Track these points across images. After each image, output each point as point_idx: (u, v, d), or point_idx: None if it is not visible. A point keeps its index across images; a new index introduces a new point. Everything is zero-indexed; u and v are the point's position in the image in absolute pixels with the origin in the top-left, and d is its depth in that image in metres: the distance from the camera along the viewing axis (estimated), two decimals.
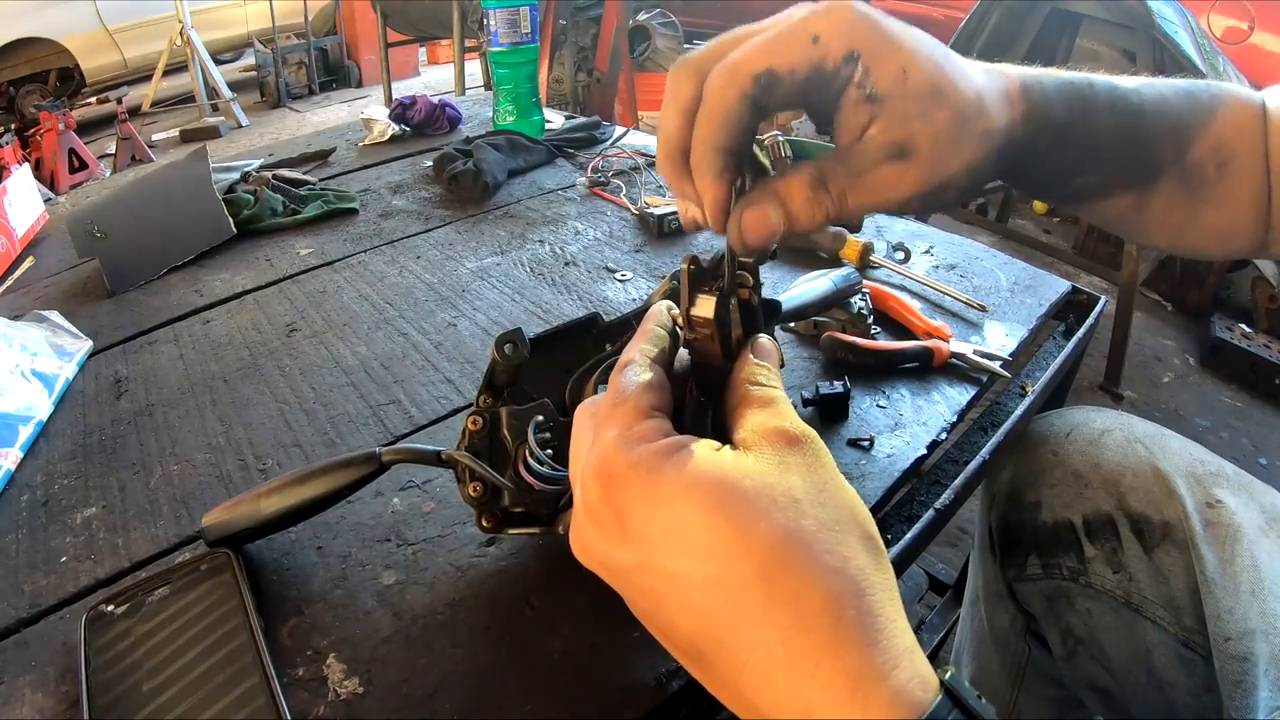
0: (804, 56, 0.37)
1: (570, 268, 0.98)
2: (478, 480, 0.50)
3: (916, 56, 0.38)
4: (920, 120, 0.38)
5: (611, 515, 0.33)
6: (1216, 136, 0.50)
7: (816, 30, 0.37)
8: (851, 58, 0.37)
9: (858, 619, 0.29)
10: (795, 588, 0.29)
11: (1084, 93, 0.46)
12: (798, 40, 0.37)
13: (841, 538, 0.31)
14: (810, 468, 0.34)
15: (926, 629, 1.23)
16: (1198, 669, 0.65)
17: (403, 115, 1.52)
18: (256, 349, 0.83)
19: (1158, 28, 1.96)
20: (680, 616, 0.32)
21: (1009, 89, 0.43)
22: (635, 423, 0.35)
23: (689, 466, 0.32)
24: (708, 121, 0.38)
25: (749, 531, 0.30)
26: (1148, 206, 0.51)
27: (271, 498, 0.53)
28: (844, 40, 0.37)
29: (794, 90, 0.38)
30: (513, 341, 0.50)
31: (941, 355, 0.74)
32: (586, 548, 0.36)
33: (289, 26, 6.20)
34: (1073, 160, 0.47)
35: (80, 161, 4.20)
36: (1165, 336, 2.60)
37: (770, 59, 0.37)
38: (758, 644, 0.29)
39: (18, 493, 0.65)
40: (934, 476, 0.67)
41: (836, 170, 0.39)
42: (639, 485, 0.33)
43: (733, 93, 0.38)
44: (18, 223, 1.15)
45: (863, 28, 0.37)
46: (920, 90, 0.38)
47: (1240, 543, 0.64)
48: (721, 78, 0.38)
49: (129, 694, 0.45)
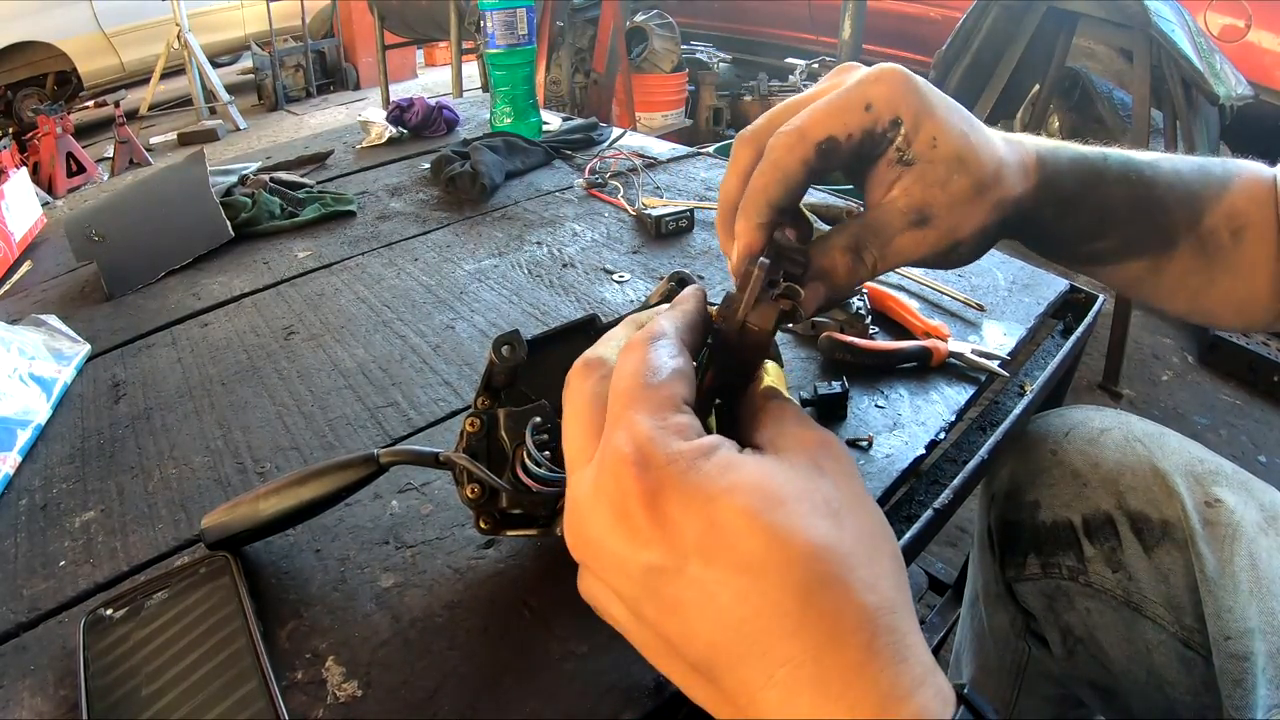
0: (860, 122, 0.42)
1: (568, 269, 0.98)
2: (475, 482, 0.50)
3: (947, 125, 0.42)
4: (940, 188, 0.42)
5: (643, 510, 0.31)
6: (1230, 205, 0.50)
7: (870, 98, 0.42)
8: (895, 123, 0.42)
9: (890, 636, 0.28)
10: (833, 603, 0.28)
11: (1097, 166, 0.49)
12: (854, 108, 0.42)
13: (875, 553, 0.31)
14: (845, 476, 0.33)
15: (926, 628, 1.23)
16: (1197, 668, 0.65)
17: (400, 117, 1.52)
18: (254, 352, 0.83)
19: (1154, 26, 1.96)
20: (701, 626, 0.30)
21: (1025, 161, 0.46)
22: (669, 413, 0.33)
23: (728, 470, 0.31)
24: (767, 175, 0.42)
25: (790, 540, 0.29)
26: (1163, 271, 0.52)
27: (270, 499, 0.53)
28: (892, 107, 0.42)
29: (849, 153, 0.42)
30: (510, 343, 0.50)
31: (940, 355, 0.74)
32: (591, 540, 0.33)
33: (286, 29, 6.21)
34: (1082, 227, 0.49)
35: (78, 165, 4.21)
36: (1164, 335, 2.60)
37: (831, 126, 0.42)
38: (786, 659, 0.28)
39: (16, 497, 0.65)
40: (933, 476, 0.67)
41: (868, 241, 0.43)
42: (678, 483, 0.31)
43: (796, 157, 0.42)
44: (15, 226, 1.15)
45: (907, 95, 0.42)
46: (946, 158, 0.42)
47: (1239, 541, 0.64)
48: (787, 141, 0.42)
49: (128, 698, 0.45)
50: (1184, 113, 2.30)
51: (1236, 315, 0.56)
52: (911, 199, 0.42)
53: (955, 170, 0.42)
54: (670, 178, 1.27)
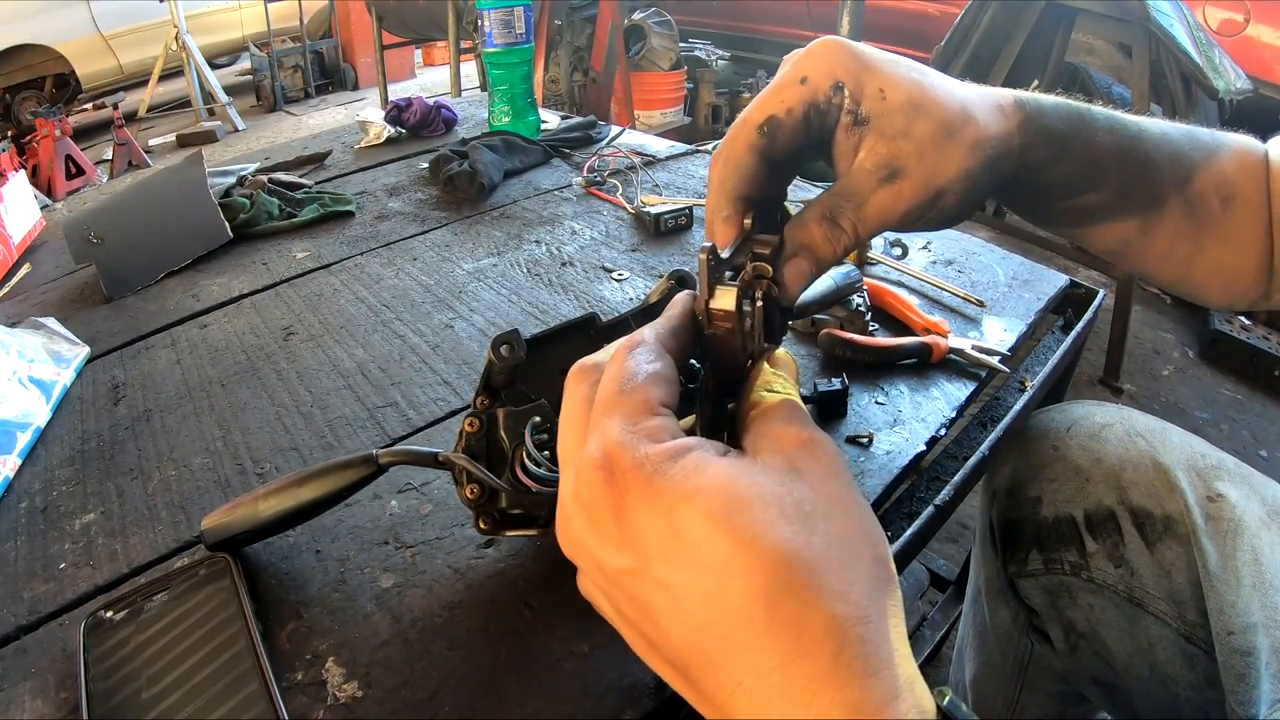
0: (797, 97, 0.42)
1: (567, 268, 0.98)
2: (475, 482, 0.50)
3: (893, 77, 0.41)
4: (903, 137, 0.41)
5: (609, 514, 0.31)
6: (1219, 172, 0.50)
7: (804, 71, 0.42)
8: (837, 87, 0.41)
9: (860, 647, 0.28)
10: (798, 610, 0.28)
11: (1081, 112, 0.48)
12: (789, 84, 0.42)
13: (850, 558, 0.30)
14: (823, 477, 0.32)
15: (928, 626, 1.23)
16: (1200, 663, 0.65)
17: (398, 117, 1.52)
18: (254, 353, 0.83)
19: (1153, 21, 1.96)
20: (671, 629, 0.30)
21: (1001, 102, 0.45)
22: (642, 417, 0.33)
23: (694, 472, 0.31)
24: (720, 169, 0.43)
25: (754, 545, 0.29)
26: (1153, 234, 0.51)
27: (270, 500, 0.53)
28: (828, 74, 0.41)
29: (795, 130, 0.42)
30: (509, 343, 0.50)
31: (940, 351, 0.74)
32: (575, 540, 0.34)
33: (284, 30, 6.21)
34: (1073, 173, 0.48)
35: (77, 167, 4.21)
36: (1164, 329, 2.60)
37: (769, 107, 0.42)
38: (753, 666, 0.28)
39: (16, 499, 0.65)
40: (934, 473, 0.67)
41: (842, 205, 0.41)
42: (642, 487, 0.31)
43: (740, 144, 0.42)
44: (14, 229, 1.15)
45: (842, 59, 0.42)
46: (899, 106, 0.41)
47: (1242, 536, 0.63)
48: (731, 133, 0.43)
49: (128, 700, 0.45)
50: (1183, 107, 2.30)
51: (1224, 289, 0.55)
52: (877, 156, 0.41)
53: (913, 116, 0.41)
54: (669, 175, 1.27)
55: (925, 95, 0.41)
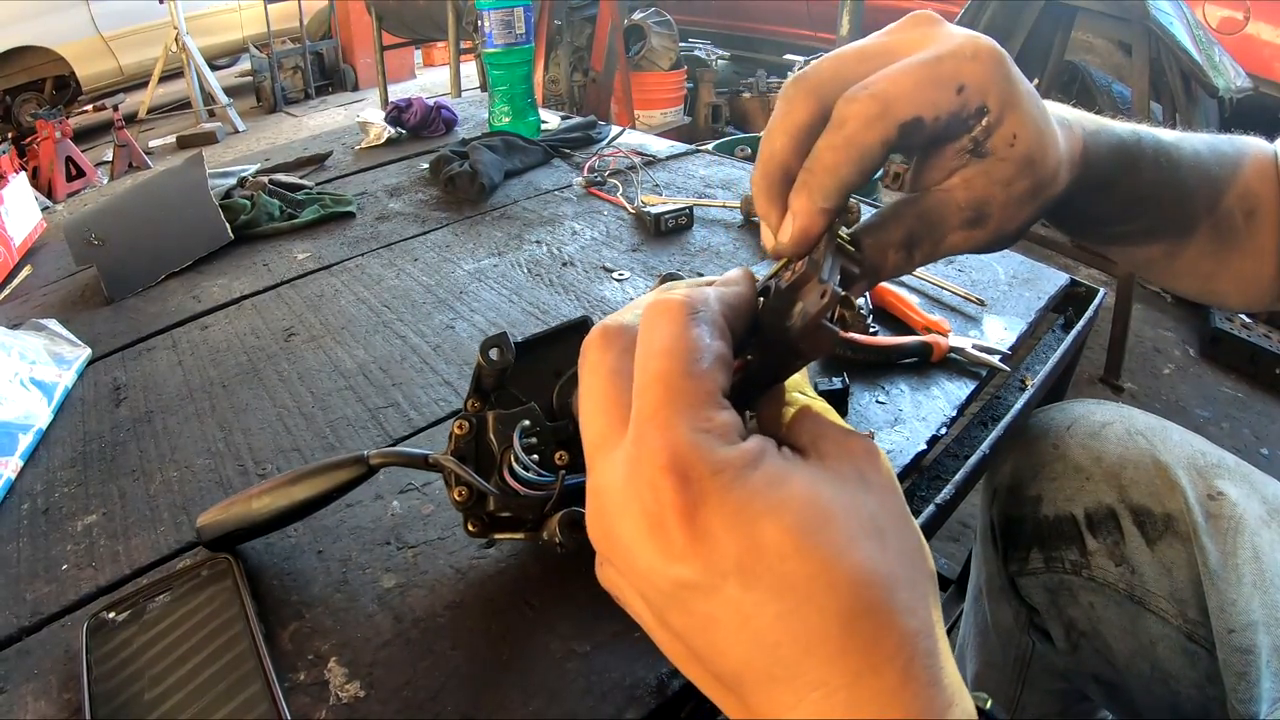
0: (949, 104, 0.36)
1: (568, 268, 0.98)
2: (463, 485, 0.50)
3: (1029, 123, 0.38)
4: (1004, 186, 0.38)
5: (678, 524, 0.28)
6: (1244, 185, 0.50)
7: (965, 79, 0.36)
8: (981, 111, 0.37)
9: (926, 660, 0.27)
10: (875, 629, 0.27)
11: (1133, 151, 0.47)
12: (947, 86, 0.36)
13: (916, 573, 0.29)
14: (887, 489, 0.31)
15: None
16: (1201, 661, 0.65)
17: (399, 118, 1.52)
18: (255, 354, 0.83)
19: (1153, 19, 1.96)
20: (733, 646, 0.28)
21: (1073, 154, 0.43)
22: (714, 414, 0.29)
23: (777, 483, 0.29)
24: (841, 152, 0.36)
25: (837, 564, 0.27)
26: (1179, 255, 0.52)
27: (264, 499, 0.53)
28: (983, 92, 0.37)
29: (933, 135, 0.37)
30: (498, 346, 0.50)
31: (940, 350, 0.74)
32: (620, 543, 0.30)
33: (284, 31, 6.20)
34: (1113, 213, 0.48)
35: (77, 169, 4.21)
36: (1165, 328, 2.60)
37: (920, 106, 0.36)
38: (820, 684, 0.27)
39: (18, 501, 0.65)
40: (934, 472, 0.67)
41: (922, 237, 0.39)
42: (722, 498, 0.28)
43: (877, 135, 0.36)
44: (15, 231, 1.15)
45: (1001, 81, 0.37)
46: (1019, 159, 0.38)
47: (1242, 534, 0.64)
48: (866, 114, 0.36)
49: (131, 701, 0.45)
50: (1183, 105, 2.30)
51: (1242, 295, 0.55)
52: (973, 194, 0.38)
53: (1023, 173, 0.38)
54: (669, 175, 1.27)
55: (1041, 155, 0.39)
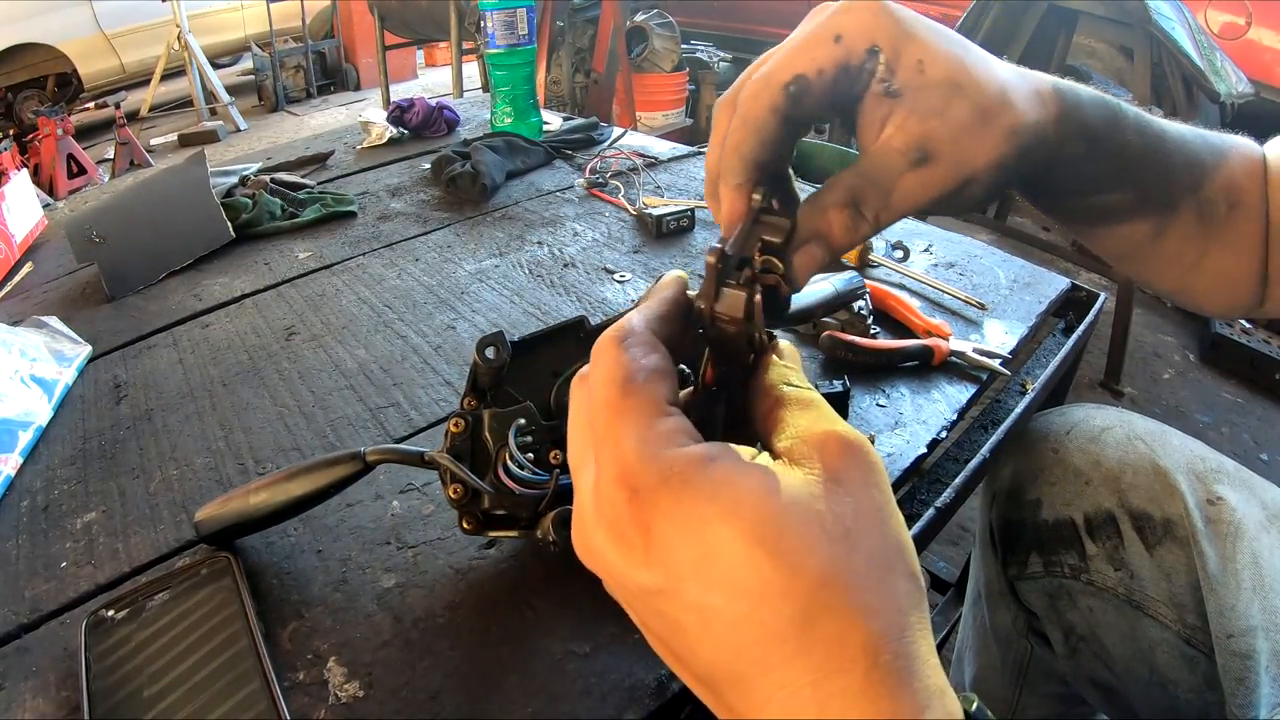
0: (829, 56, 0.37)
1: (569, 269, 0.98)
2: (458, 482, 0.50)
3: (934, 49, 0.37)
4: (938, 117, 0.37)
5: (638, 533, 0.29)
6: (1228, 176, 0.49)
7: (839, 29, 0.37)
8: (873, 52, 0.37)
9: (894, 661, 0.27)
10: (835, 629, 0.27)
11: (1114, 109, 0.45)
12: (822, 41, 0.37)
13: (888, 573, 0.29)
14: (865, 486, 0.30)
15: None
16: (1200, 666, 0.65)
17: (400, 118, 1.52)
18: (255, 353, 0.83)
19: (1155, 24, 1.96)
20: (701, 648, 0.29)
21: (1040, 88, 0.42)
22: (656, 421, 0.31)
23: (726, 485, 0.29)
24: (738, 131, 0.38)
25: (794, 570, 0.27)
26: (1165, 237, 0.49)
27: (261, 494, 0.54)
28: (865, 35, 0.37)
29: (824, 94, 0.38)
30: (494, 344, 0.50)
31: (941, 353, 0.74)
32: (598, 557, 0.32)
33: (286, 30, 6.20)
34: (1102, 173, 0.46)
35: (79, 167, 4.21)
36: (1165, 333, 2.60)
37: (798, 65, 0.37)
38: (784, 684, 0.27)
39: (18, 498, 0.65)
40: (934, 475, 0.67)
41: (867, 193, 0.38)
42: (671, 503, 0.29)
43: (763, 103, 0.38)
44: (16, 228, 1.15)
45: (883, 21, 0.37)
46: (937, 82, 0.37)
47: (1241, 539, 0.64)
48: (753, 89, 0.38)
49: (130, 699, 0.45)
50: (1184, 110, 2.29)
51: (1222, 296, 0.54)
52: (908, 134, 0.37)
53: (951, 95, 0.37)
54: (671, 177, 1.27)
55: (965, 73, 0.37)
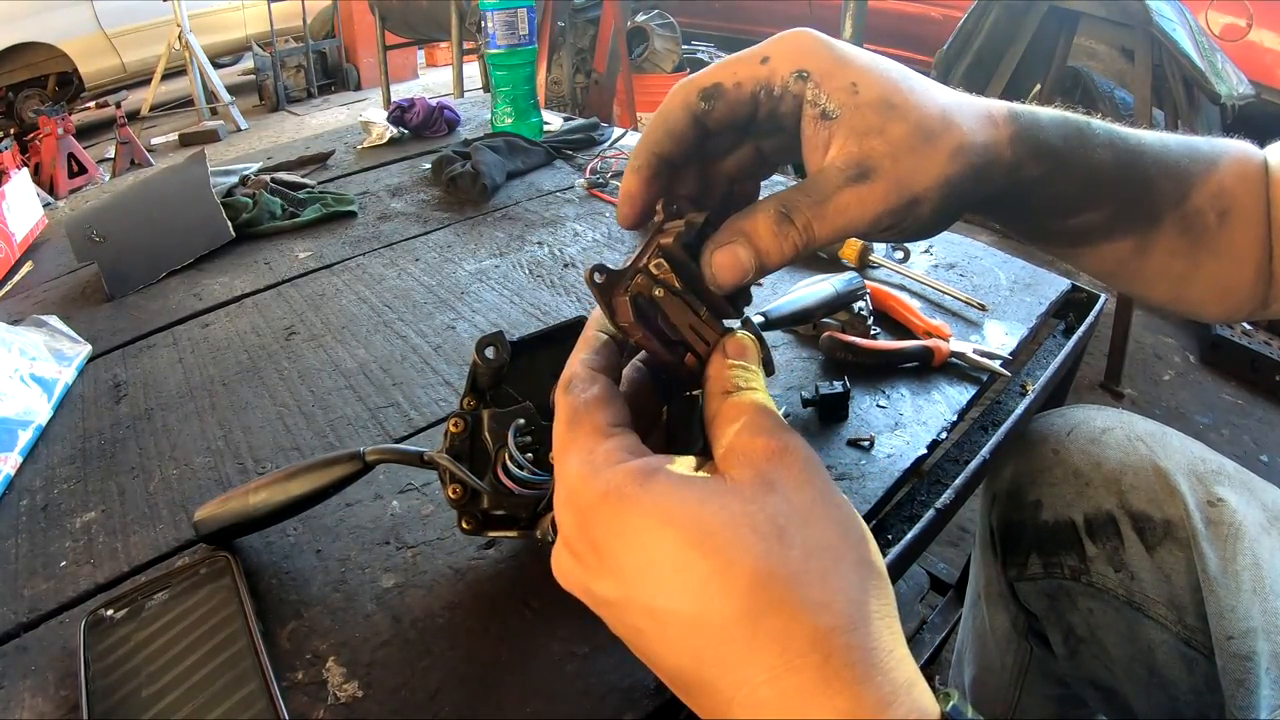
0: (750, 74, 0.39)
1: (569, 269, 0.98)
2: (457, 482, 0.50)
3: (867, 73, 0.38)
4: (876, 135, 0.37)
5: (588, 549, 0.32)
6: (1217, 184, 0.48)
7: (769, 52, 0.39)
8: (801, 75, 0.38)
9: (848, 655, 0.28)
10: (781, 626, 0.28)
11: (1080, 127, 0.45)
12: (748, 60, 0.40)
13: (832, 566, 0.30)
14: (798, 485, 0.32)
15: (928, 629, 1.23)
16: (1200, 667, 0.65)
17: (401, 118, 1.52)
18: (255, 352, 0.83)
19: (1156, 25, 1.95)
20: (663, 652, 0.31)
21: (992, 111, 0.42)
22: (596, 444, 0.33)
23: (662, 494, 0.31)
24: (651, 123, 0.41)
25: (729, 569, 0.29)
26: (1149, 252, 0.49)
27: (260, 494, 0.54)
28: (792, 61, 0.39)
29: (738, 105, 0.40)
30: (493, 345, 0.50)
31: (941, 354, 0.74)
32: (565, 575, 0.35)
33: (287, 30, 6.21)
34: (1071, 192, 0.45)
35: (79, 166, 4.21)
36: (1165, 334, 2.60)
37: (719, 75, 0.40)
38: (742, 683, 0.28)
39: (17, 497, 0.65)
40: (934, 476, 0.67)
41: (799, 201, 0.38)
42: (610, 517, 0.31)
43: (677, 101, 0.40)
44: (16, 227, 1.15)
45: (812, 50, 0.39)
46: (872, 103, 0.38)
47: (1242, 541, 0.63)
48: (673, 90, 0.41)
49: (128, 698, 0.45)
50: (1185, 112, 2.29)
51: (1219, 304, 0.53)
52: (847, 154, 0.37)
53: (887, 114, 0.37)
54: None
55: (901, 95, 0.38)
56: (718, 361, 0.37)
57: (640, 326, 0.37)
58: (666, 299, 0.37)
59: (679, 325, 0.37)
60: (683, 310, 0.38)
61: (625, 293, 0.37)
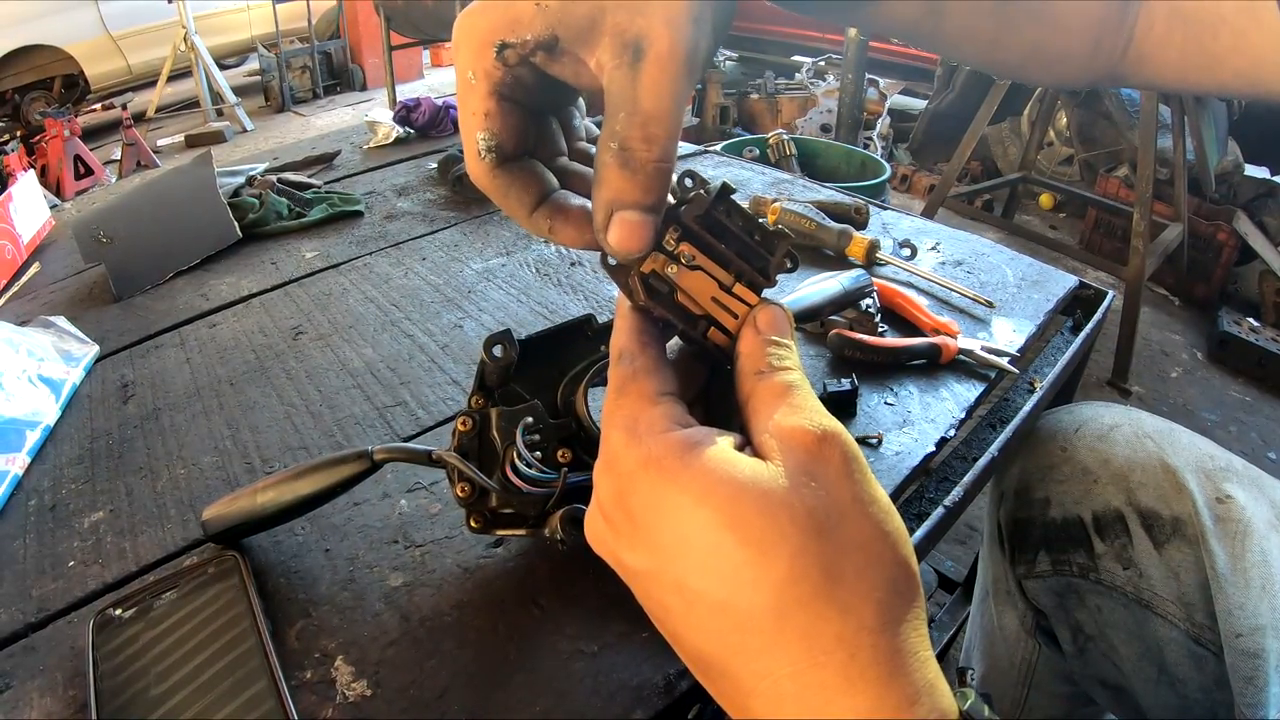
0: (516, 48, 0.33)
1: (576, 268, 0.98)
2: (465, 481, 0.50)
3: None
4: (610, 14, 0.31)
5: (624, 517, 0.31)
6: None
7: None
8: (501, 47, 0.33)
9: (874, 655, 0.27)
10: (809, 622, 0.28)
11: None
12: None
13: (866, 565, 0.29)
14: (840, 478, 0.30)
15: (936, 627, 1.23)
16: (1209, 665, 0.65)
17: (407, 118, 1.52)
18: (262, 352, 0.83)
19: None
20: (687, 631, 0.30)
21: None
22: (641, 411, 0.32)
23: (703, 472, 0.29)
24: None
25: (763, 559, 0.28)
26: (945, 14, 0.44)
27: (268, 493, 0.54)
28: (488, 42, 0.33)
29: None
30: (501, 343, 0.50)
31: (949, 352, 0.74)
32: (599, 541, 0.34)
33: (292, 31, 6.21)
34: None
35: (85, 168, 4.22)
36: (1173, 331, 2.59)
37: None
38: (765, 674, 0.28)
39: (25, 497, 0.65)
40: (943, 473, 0.67)
41: (618, 128, 0.32)
42: (649, 488, 0.30)
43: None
44: (24, 229, 1.15)
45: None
46: (576, 8, 0.31)
47: (1250, 538, 0.63)
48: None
49: (137, 698, 0.45)
50: (1192, 108, 2.29)
51: (1046, 70, 0.49)
52: (611, 48, 0.31)
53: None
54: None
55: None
56: (749, 337, 0.35)
57: (658, 304, 0.36)
58: (682, 273, 0.36)
59: (700, 299, 0.36)
60: (704, 283, 0.36)
61: (634, 273, 0.36)
